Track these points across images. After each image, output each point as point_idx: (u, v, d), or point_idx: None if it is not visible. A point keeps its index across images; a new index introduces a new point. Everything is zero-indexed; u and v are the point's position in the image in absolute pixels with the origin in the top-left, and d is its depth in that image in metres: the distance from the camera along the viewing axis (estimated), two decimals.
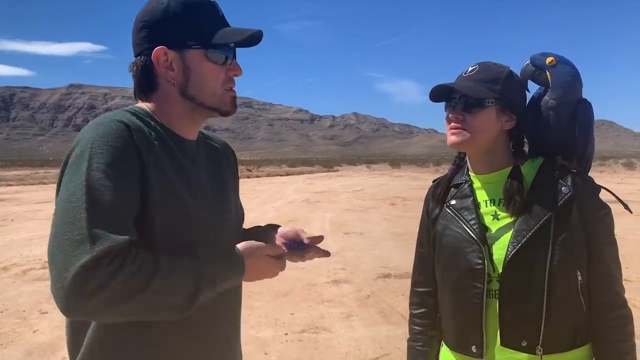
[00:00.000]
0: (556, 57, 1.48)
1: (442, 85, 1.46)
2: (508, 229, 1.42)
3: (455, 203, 1.52)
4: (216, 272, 1.09)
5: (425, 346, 1.61)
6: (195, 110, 1.23)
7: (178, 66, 1.19)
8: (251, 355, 4.32)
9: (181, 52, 1.18)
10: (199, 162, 1.27)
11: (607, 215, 1.42)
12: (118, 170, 1.03)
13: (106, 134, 1.06)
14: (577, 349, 1.41)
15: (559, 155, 1.48)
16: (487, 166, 1.51)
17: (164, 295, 1.00)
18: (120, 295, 0.96)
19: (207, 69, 1.20)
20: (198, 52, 1.19)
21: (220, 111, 1.24)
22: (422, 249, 1.63)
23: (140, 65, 1.20)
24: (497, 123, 1.45)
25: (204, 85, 1.20)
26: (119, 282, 0.95)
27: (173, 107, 1.22)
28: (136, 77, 1.22)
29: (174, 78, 1.19)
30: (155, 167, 1.11)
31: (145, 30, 1.19)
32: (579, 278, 1.38)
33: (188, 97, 1.21)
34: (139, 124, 1.13)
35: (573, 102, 1.49)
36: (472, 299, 1.42)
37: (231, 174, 1.41)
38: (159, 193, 1.09)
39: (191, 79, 1.19)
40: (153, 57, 1.18)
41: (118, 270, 0.95)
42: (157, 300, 1.00)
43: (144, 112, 1.20)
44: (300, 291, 6.25)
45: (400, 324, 4.97)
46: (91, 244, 0.95)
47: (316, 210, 14.79)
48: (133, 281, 0.97)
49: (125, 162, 1.05)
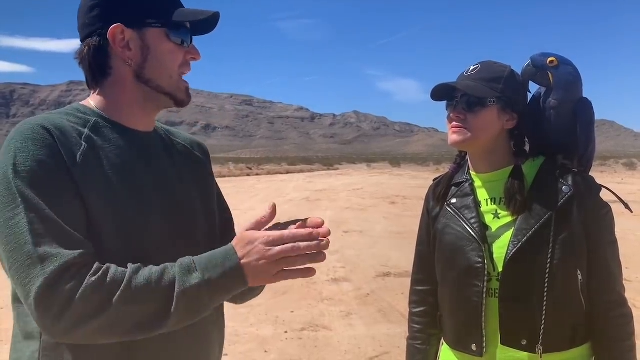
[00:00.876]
0: (557, 58, 1.48)
1: (444, 84, 1.46)
2: (508, 227, 1.43)
3: (455, 202, 1.53)
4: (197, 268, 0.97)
5: (424, 344, 1.61)
6: (149, 97, 1.15)
7: (136, 45, 1.11)
8: (251, 353, 4.33)
9: (140, 31, 1.11)
10: (152, 156, 1.17)
11: (607, 214, 1.42)
12: (49, 182, 0.97)
13: (28, 147, 0.98)
14: (577, 347, 1.41)
15: (560, 154, 1.49)
16: (488, 165, 1.51)
17: (135, 305, 0.93)
18: (86, 312, 0.90)
19: (168, 49, 1.13)
20: (158, 30, 1.12)
21: (175, 98, 1.17)
22: (422, 247, 1.64)
23: (93, 46, 1.11)
24: (498, 122, 1.46)
25: (162, 66, 1.13)
26: (80, 299, 0.90)
27: (125, 95, 1.14)
28: (87, 61, 1.13)
29: (131, 58, 1.11)
30: (85, 168, 1.02)
31: (97, 9, 1.11)
32: (580, 277, 1.39)
33: (143, 80, 1.13)
34: (67, 126, 1.05)
35: (574, 101, 1.49)
36: (472, 298, 1.42)
37: (201, 173, 1.30)
38: (95, 200, 1.01)
39: (149, 59, 1.12)
40: (109, 35, 1.09)
41: (76, 286, 0.90)
42: (130, 312, 0.93)
43: (84, 109, 1.13)
44: (300, 289, 6.26)
45: (400, 322, 4.97)
46: (42, 265, 0.90)
47: (316, 209, 14.80)
48: (95, 295, 0.91)
49: (54, 173, 0.98)
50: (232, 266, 0.97)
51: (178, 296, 0.94)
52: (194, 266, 0.97)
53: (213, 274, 0.96)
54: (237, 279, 0.98)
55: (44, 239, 0.92)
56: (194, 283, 0.95)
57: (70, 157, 1.01)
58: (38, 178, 0.96)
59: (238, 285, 0.99)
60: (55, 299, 0.89)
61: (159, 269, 0.97)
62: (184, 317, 0.97)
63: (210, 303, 0.99)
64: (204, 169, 1.33)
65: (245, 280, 0.98)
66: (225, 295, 1.01)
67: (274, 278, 0.99)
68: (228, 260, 0.97)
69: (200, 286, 0.96)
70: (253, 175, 37.96)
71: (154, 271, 0.96)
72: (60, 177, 0.99)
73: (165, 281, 0.95)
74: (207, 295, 0.97)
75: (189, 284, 0.95)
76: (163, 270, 0.97)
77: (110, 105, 1.15)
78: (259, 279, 0.99)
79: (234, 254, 0.98)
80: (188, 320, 0.98)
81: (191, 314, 0.97)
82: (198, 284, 0.95)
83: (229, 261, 0.97)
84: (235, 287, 0.99)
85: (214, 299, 0.99)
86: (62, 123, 1.06)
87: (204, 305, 0.98)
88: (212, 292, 0.97)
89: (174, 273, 0.96)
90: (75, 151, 1.03)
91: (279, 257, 0.96)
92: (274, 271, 0.98)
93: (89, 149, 1.05)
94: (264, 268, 0.97)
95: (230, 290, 0.99)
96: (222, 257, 0.98)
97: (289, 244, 0.96)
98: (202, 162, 1.33)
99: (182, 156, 1.27)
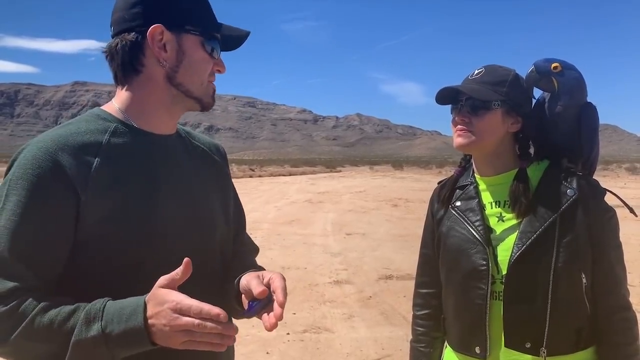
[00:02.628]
0: (561, 63, 1.48)
1: (449, 87, 1.47)
2: (513, 230, 1.43)
3: (460, 204, 1.53)
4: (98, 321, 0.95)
5: (428, 347, 1.61)
6: (176, 100, 1.17)
7: (172, 48, 1.13)
8: (253, 355, 4.33)
9: (178, 35, 1.13)
10: (173, 158, 1.19)
11: (612, 218, 1.42)
12: (30, 208, 0.99)
13: (25, 166, 1.01)
14: (581, 351, 1.41)
15: (564, 158, 1.49)
16: (493, 168, 1.51)
17: (32, 342, 0.95)
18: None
19: (201, 57, 1.16)
20: (195, 38, 1.15)
21: (202, 102, 1.19)
22: (426, 250, 1.64)
23: (130, 42, 1.11)
24: (503, 125, 1.46)
25: (194, 72, 1.16)
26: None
27: (153, 95, 1.16)
28: (120, 56, 1.13)
29: (166, 59, 1.13)
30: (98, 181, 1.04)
31: (140, 6, 1.12)
32: (584, 280, 1.39)
33: (175, 83, 1.15)
34: (80, 142, 1.06)
35: (578, 106, 1.49)
36: (476, 300, 1.43)
37: (219, 176, 1.32)
38: (113, 206, 1.04)
39: (183, 64, 1.14)
40: (149, 33, 1.11)
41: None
42: (27, 348, 0.96)
43: (105, 114, 1.15)
44: (302, 291, 6.26)
45: (402, 325, 4.97)
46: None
47: (318, 211, 14.80)
48: (4, 326, 0.94)
49: (41, 198, 1.00)
50: (134, 325, 0.93)
51: (72, 346, 0.93)
52: (100, 315, 0.95)
53: (115, 328, 0.93)
54: (139, 339, 0.93)
55: (3, 256, 0.96)
56: (90, 336, 0.93)
57: (80, 175, 1.03)
58: (20, 202, 0.99)
59: (140, 345, 0.94)
60: None
61: (68, 310, 0.96)
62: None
63: (112, 356, 0.95)
64: (222, 171, 1.35)
65: (148, 341, 0.94)
66: (129, 351, 0.96)
67: (181, 345, 0.93)
68: (133, 318, 0.94)
69: (97, 340, 0.93)
70: (256, 177, 37.96)
71: (62, 312, 0.95)
72: (50, 201, 1.01)
73: (67, 326, 0.94)
74: (106, 350, 0.94)
75: (85, 335, 0.93)
76: (71, 313, 0.95)
77: (135, 106, 1.16)
78: (165, 342, 0.94)
79: (140, 312, 0.94)
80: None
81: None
82: (94, 337, 0.93)
83: (133, 319, 0.94)
84: (137, 346, 0.95)
85: (116, 353, 0.95)
86: (77, 140, 1.07)
87: (99, 356, 0.94)
88: (111, 347, 0.94)
89: (77, 319, 0.95)
90: (88, 167, 1.05)
91: (183, 329, 0.91)
92: (179, 340, 0.92)
93: (103, 160, 1.07)
94: (169, 334, 0.92)
95: (133, 347, 0.95)
96: (130, 311, 0.95)
97: (195, 319, 0.90)
98: (220, 165, 1.35)
99: (202, 159, 1.29)
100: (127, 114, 1.16)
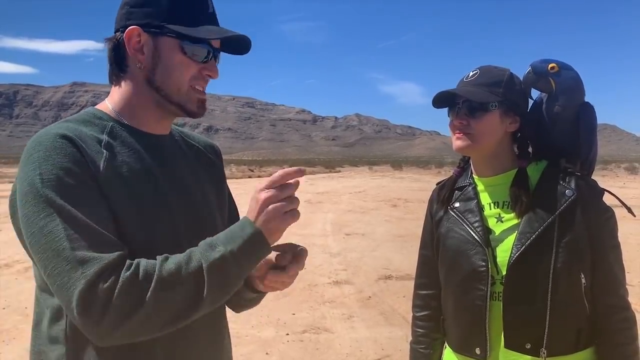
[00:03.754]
0: (557, 63, 1.48)
1: (445, 91, 1.47)
2: (512, 231, 1.43)
3: (459, 205, 1.53)
4: (223, 240, 1.01)
5: (428, 349, 1.62)
6: (160, 105, 1.16)
7: (148, 50, 1.11)
8: (252, 355, 4.33)
9: (154, 37, 1.11)
10: (169, 159, 1.19)
11: (610, 218, 1.43)
12: (76, 189, 0.98)
13: (51, 156, 1.00)
14: (580, 351, 1.41)
15: (563, 158, 1.49)
16: (491, 169, 1.51)
17: (170, 290, 0.95)
18: (125, 309, 0.92)
19: (177, 60, 1.12)
20: (172, 41, 1.11)
21: (184, 109, 1.16)
22: (425, 251, 1.64)
23: (113, 42, 1.13)
24: (501, 126, 1.46)
25: (170, 76, 1.13)
26: (118, 297, 0.91)
27: (139, 96, 1.15)
28: (108, 56, 1.15)
29: (142, 62, 1.12)
30: (108, 175, 1.04)
31: (126, 7, 1.13)
32: (583, 281, 1.39)
33: (154, 86, 1.13)
34: (86, 134, 1.07)
35: (576, 106, 1.49)
36: (475, 301, 1.43)
37: (215, 177, 1.32)
38: (119, 205, 1.04)
39: (159, 68, 1.12)
40: (125, 36, 1.11)
41: (113, 285, 0.92)
42: (167, 298, 0.95)
43: (100, 113, 1.15)
44: (302, 292, 6.26)
45: (402, 325, 4.97)
46: (82, 269, 0.92)
47: (318, 211, 14.79)
48: (131, 289, 0.93)
49: (80, 179, 1.00)
50: (250, 233, 1.00)
51: (207, 271, 0.97)
52: (216, 242, 1.00)
53: (235, 245, 0.99)
54: (258, 242, 1.01)
55: (80, 243, 0.94)
56: (218, 256, 0.98)
57: (94, 165, 1.03)
58: (65, 185, 0.98)
59: (261, 248, 1.02)
60: (95, 301, 0.91)
61: (185, 253, 1.00)
62: (217, 293, 0.99)
63: (240, 273, 1.01)
64: (218, 171, 1.35)
65: (265, 242, 1.01)
66: (252, 262, 1.03)
67: (288, 220, 1.02)
68: (246, 228, 1.01)
69: (225, 258, 0.98)
70: (255, 177, 37.96)
71: (182, 256, 0.99)
72: (87, 183, 1.01)
73: (193, 262, 0.98)
74: (235, 266, 0.99)
75: (212, 257, 0.98)
76: (190, 254, 1.00)
77: (126, 106, 1.16)
78: (277, 230, 1.02)
79: (247, 223, 1.01)
80: (222, 295, 1.01)
81: (223, 287, 1.00)
82: (222, 256, 0.98)
83: (247, 229, 1.00)
84: (259, 251, 1.02)
85: (243, 268, 1.01)
86: (82, 131, 1.07)
87: (234, 276, 1.00)
88: (238, 261, 0.99)
89: (199, 253, 1.00)
90: (98, 159, 1.05)
91: (279, 201, 1.01)
92: (285, 217, 1.01)
93: (109, 156, 1.07)
94: (275, 218, 1.00)
95: (255, 254, 1.02)
96: (239, 227, 1.02)
97: (276, 174, 1.02)
98: (216, 164, 1.35)
99: (197, 158, 1.29)
100: (120, 113, 1.16)
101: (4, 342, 4.57)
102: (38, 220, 0.96)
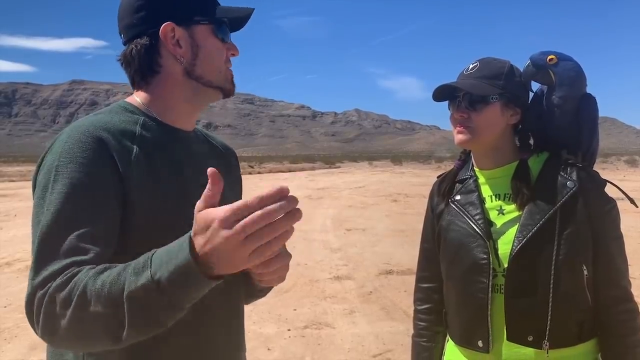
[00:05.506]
0: (556, 55, 1.47)
1: (445, 85, 1.46)
2: (513, 223, 1.42)
3: (460, 198, 1.53)
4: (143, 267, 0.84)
5: (430, 342, 1.62)
6: (198, 93, 1.18)
7: (186, 43, 1.13)
8: (254, 351, 4.34)
9: (189, 28, 1.14)
10: (196, 155, 1.20)
11: (613, 209, 1.42)
12: (82, 189, 0.98)
13: (73, 150, 1.00)
14: (583, 343, 1.41)
15: (564, 149, 1.49)
16: (492, 162, 1.51)
17: (88, 309, 0.85)
18: (49, 325, 0.89)
19: (215, 45, 1.16)
20: (206, 27, 1.15)
21: (224, 90, 1.20)
22: (426, 244, 1.64)
23: (144, 45, 1.12)
24: (502, 118, 1.46)
25: (212, 62, 1.16)
26: (45, 305, 0.89)
27: (173, 92, 1.16)
28: (137, 61, 1.14)
29: (183, 55, 1.14)
30: (136, 171, 1.04)
31: (144, 10, 1.13)
32: (585, 272, 1.38)
33: (194, 76, 1.15)
34: (119, 128, 1.07)
35: (577, 97, 1.49)
36: (477, 294, 1.42)
37: (234, 176, 1.34)
38: (148, 197, 1.04)
39: (200, 56, 1.15)
40: (161, 34, 1.11)
41: (42, 302, 0.89)
42: (86, 316, 0.86)
43: (131, 107, 1.15)
44: (303, 287, 6.27)
45: (403, 320, 4.98)
46: (34, 274, 0.93)
47: (318, 207, 14.80)
48: (50, 307, 0.88)
49: (91, 179, 0.99)
50: (182, 262, 0.79)
51: (126, 301, 0.83)
52: (149, 263, 0.83)
53: (165, 271, 0.80)
54: (191, 275, 0.79)
55: (46, 248, 0.94)
56: (140, 285, 0.82)
57: (123, 158, 1.04)
58: (72, 184, 0.98)
59: (195, 282, 0.80)
60: (32, 310, 0.92)
61: (117, 269, 0.86)
62: (141, 324, 0.84)
63: (170, 303, 0.82)
64: (237, 173, 1.38)
65: (201, 276, 0.79)
66: (186, 293, 0.82)
67: (250, 261, 0.78)
68: (180, 255, 0.80)
69: (148, 287, 0.81)
70: (255, 174, 37.95)
71: (112, 273, 0.86)
72: (100, 181, 1.01)
73: (119, 284, 0.84)
74: (159, 296, 0.81)
75: (134, 286, 0.82)
76: (120, 272, 0.86)
77: (157, 102, 1.17)
78: (230, 266, 0.79)
79: (186, 247, 0.80)
80: (151, 326, 0.85)
81: (149, 319, 0.84)
82: (144, 285, 0.81)
83: (181, 256, 0.80)
84: (193, 285, 0.81)
85: (174, 299, 0.82)
86: (114, 125, 1.08)
87: (162, 307, 0.82)
88: (165, 292, 0.81)
89: (126, 275, 0.85)
90: (129, 153, 1.06)
91: (241, 238, 0.75)
92: (244, 256, 0.77)
93: (140, 149, 1.08)
94: (230, 255, 0.77)
95: (188, 287, 0.81)
96: (177, 249, 0.82)
97: (253, 216, 0.75)
98: (235, 166, 1.38)
99: (220, 158, 1.31)
100: (150, 109, 1.17)
101: (5, 340, 4.57)
102: (35, 211, 1.00)
